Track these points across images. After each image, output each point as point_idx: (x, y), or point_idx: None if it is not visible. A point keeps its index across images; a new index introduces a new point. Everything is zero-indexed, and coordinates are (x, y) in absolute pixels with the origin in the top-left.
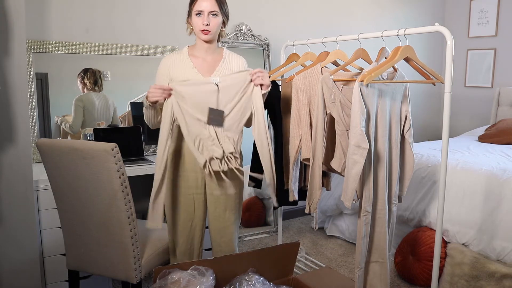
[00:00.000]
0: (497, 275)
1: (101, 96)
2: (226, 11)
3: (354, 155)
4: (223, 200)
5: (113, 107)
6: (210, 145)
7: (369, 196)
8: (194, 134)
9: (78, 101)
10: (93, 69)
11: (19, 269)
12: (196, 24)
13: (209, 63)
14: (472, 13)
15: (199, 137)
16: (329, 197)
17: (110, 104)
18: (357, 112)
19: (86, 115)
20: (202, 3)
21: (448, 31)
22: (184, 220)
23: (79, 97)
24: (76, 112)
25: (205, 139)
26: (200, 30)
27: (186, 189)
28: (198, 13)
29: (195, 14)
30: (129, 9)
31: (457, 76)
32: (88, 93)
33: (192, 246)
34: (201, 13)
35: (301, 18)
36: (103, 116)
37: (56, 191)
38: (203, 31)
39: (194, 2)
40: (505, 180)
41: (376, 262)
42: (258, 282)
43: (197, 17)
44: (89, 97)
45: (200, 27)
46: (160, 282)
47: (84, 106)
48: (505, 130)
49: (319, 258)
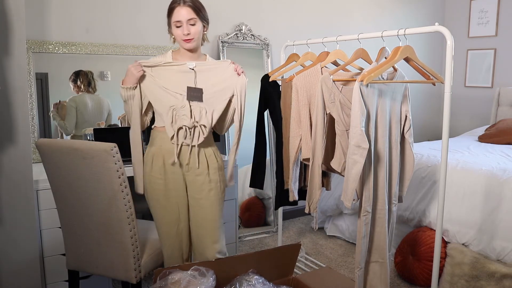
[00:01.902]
0: (497, 275)
1: (96, 97)
2: (205, 16)
3: (354, 155)
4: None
5: (108, 109)
6: (181, 114)
7: (369, 196)
8: (167, 105)
9: (71, 101)
10: (84, 70)
11: (19, 269)
12: (177, 34)
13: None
14: (472, 13)
15: (173, 108)
16: (329, 197)
17: (105, 106)
18: (357, 112)
19: (78, 116)
20: (179, 13)
21: (448, 31)
22: (166, 221)
23: (72, 98)
24: (69, 113)
25: (178, 109)
26: (182, 40)
27: (165, 191)
28: (177, 24)
29: (174, 25)
30: (129, 9)
31: (457, 76)
32: (81, 95)
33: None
34: (180, 24)
35: (301, 18)
36: (95, 118)
37: (56, 191)
38: (185, 40)
39: (172, 14)
40: (505, 180)
41: (376, 262)
42: (258, 282)
43: (177, 28)
44: (82, 99)
45: (181, 37)
46: (160, 283)
47: (77, 107)
48: (505, 130)
49: (319, 258)
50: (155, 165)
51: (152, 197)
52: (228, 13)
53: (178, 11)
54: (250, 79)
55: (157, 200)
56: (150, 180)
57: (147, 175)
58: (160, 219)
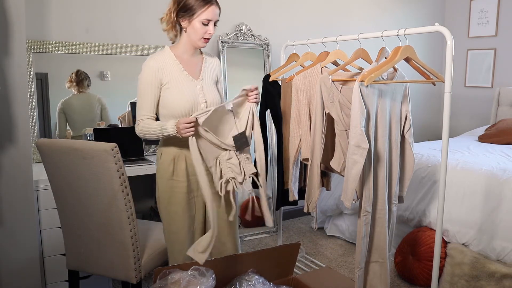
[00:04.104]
0: (497, 275)
1: (84, 96)
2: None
3: (354, 155)
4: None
5: (100, 105)
6: (228, 167)
7: (369, 196)
8: (212, 157)
9: (58, 107)
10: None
11: (19, 269)
12: (199, 31)
13: (195, 64)
14: (472, 13)
15: (218, 159)
16: (329, 197)
17: (95, 103)
18: (357, 112)
19: (68, 119)
20: (214, 12)
21: (448, 31)
22: (185, 225)
23: (59, 104)
24: (59, 118)
25: (223, 161)
26: (202, 38)
27: (188, 193)
28: (205, 22)
29: (201, 22)
30: (129, 9)
31: (457, 76)
32: (69, 97)
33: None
34: (207, 22)
35: (301, 18)
36: (86, 116)
37: (56, 191)
38: (205, 39)
39: (204, 9)
40: (505, 180)
41: (376, 262)
42: (258, 282)
43: (203, 24)
44: (68, 101)
45: (202, 35)
46: (160, 283)
47: (64, 111)
48: (505, 130)
49: (319, 258)
50: (178, 169)
51: (174, 201)
52: (228, 13)
53: (213, 10)
54: (250, 79)
55: (178, 204)
56: (172, 184)
57: (166, 180)
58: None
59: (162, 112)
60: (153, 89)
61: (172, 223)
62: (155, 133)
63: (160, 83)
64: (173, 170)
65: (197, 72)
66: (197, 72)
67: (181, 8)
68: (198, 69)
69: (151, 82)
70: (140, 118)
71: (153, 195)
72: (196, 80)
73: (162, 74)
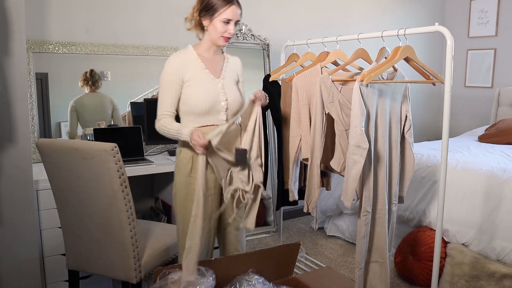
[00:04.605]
0: (497, 275)
1: (97, 96)
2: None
3: (354, 155)
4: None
5: (111, 106)
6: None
7: (369, 196)
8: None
9: (71, 105)
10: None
11: (19, 269)
12: (220, 30)
13: (216, 63)
14: (472, 13)
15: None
16: (329, 197)
17: (107, 104)
18: (357, 112)
19: (80, 117)
20: (235, 12)
21: (448, 31)
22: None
23: (72, 101)
24: (71, 117)
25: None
26: (223, 37)
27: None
28: (225, 21)
29: (222, 21)
30: (129, 9)
31: (457, 76)
32: (81, 96)
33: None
34: (229, 21)
35: (301, 18)
36: (97, 116)
37: (56, 191)
38: (226, 38)
39: (225, 9)
40: (505, 180)
41: (376, 262)
42: (258, 282)
43: (224, 24)
44: (81, 100)
45: (223, 33)
46: (160, 282)
47: (76, 109)
48: (505, 130)
49: (319, 258)
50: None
51: (190, 198)
52: None
53: (233, 10)
54: (250, 79)
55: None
56: (189, 181)
57: (184, 177)
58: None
59: (183, 109)
60: (174, 86)
61: (187, 219)
62: (173, 134)
63: (182, 80)
64: (191, 167)
65: (218, 70)
66: (219, 71)
67: (203, 7)
68: (220, 67)
69: (173, 79)
70: (162, 114)
71: (153, 195)
72: (218, 78)
73: (184, 72)
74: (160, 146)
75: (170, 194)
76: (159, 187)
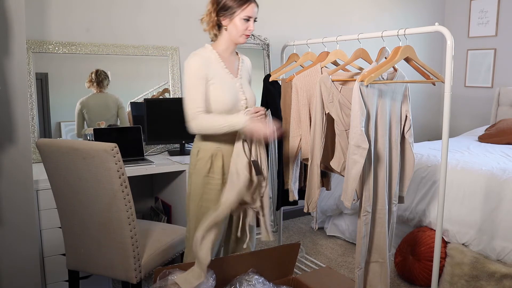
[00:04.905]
0: (497, 275)
1: (102, 96)
2: None
3: (354, 155)
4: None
5: (116, 106)
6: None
7: (369, 196)
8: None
9: (77, 106)
10: (99, 69)
11: (19, 269)
12: (241, 28)
13: (233, 63)
14: (472, 13)
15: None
16: (329, 197)
17: (110, 104)
18: (357, 112)
19: (87, 118)
20: (253, 9)
21: (448, 31)
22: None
23: (78, 102)
24: (77, 118)
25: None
26: (244, 34)
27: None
28: (246, 18)
29: (243, 19)
30: (129, 9)
31: (457, 76)
32: (88, 96)
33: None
34: (249, 19)
35: (301, 18)
36: (101, 116)
37: (56, 191)
38: (246, 35)
39: (245, 6)
40: (505, 180)
41: (376, 262)
42: (258, 282)
43: (245, 21)
44: (87, 100)
45: (244, 31)
46: (160, 283)
47: (82, 109)
48: (505, 130)
49: (319, 258)
50: (215, 166)
51: (206, 197)
52: None
53: (252, 7)
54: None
55: (211, 200)
56: (207, 181)
57: (202, 177)
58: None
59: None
60: (202, 82)
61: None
62: (219, 127)
63: (206, 78)
64: (210, 167)
65: (235, 70)
66: (236, 70)
67: (221, 7)
68: (236, 67)
69: (201, 75)
70: (196, 112)
71: (153, 195)
72: (236, 78)
73: (208, 69)
74: (160, 146)
75: (170, 194)
76: (159, 187)
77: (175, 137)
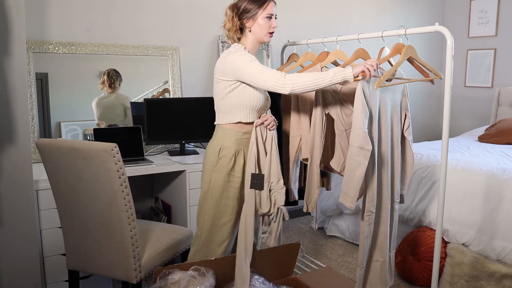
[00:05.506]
0: (497, 275)
1: (111, 97)
2: None
3: (358, 157)
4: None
5: (123, 106)
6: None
7: (372, 196)
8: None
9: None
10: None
11: (19, 269)
12: (265, 26)
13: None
14: (472, 13)
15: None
16: (329, 197)
17: (116, 104)
18: (360, 114)
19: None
20: (273, 8)
21: (448, 31)
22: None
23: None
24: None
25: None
26: (269, 32)
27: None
28: (268, 16)
29: (265, 17)
30: (129, 9)
31: (457, 76)
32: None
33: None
34: (271, 16)
35: (301, 18)
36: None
37: (56, 191)
38: (271, 33)
39: (266, 5)
40: (505, 180)
41: (377, 261)
42: (258, 282)
43: (268, 19)
44: (99, 100)
45: (269, 29)
46: (160, 283)
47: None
48: (505, 130)
49: (319, 258)
50: (237, 164)
51: (226, 195)
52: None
53: (272, 5)
54: None
55: (231, 198)
56: (228, 179)
57: (224, 175)
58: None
59: (236, 102)
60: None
61: (220, 217)
62: (321, 79)
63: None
64: (233, 165)
65: None
66: None
67: (242, 11)
68: None
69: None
70: (281, 74)
71: (153, 195)
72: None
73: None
74: (160, 146)
75: (170, 194)
76: (159, 187)
77: (175, 137)
